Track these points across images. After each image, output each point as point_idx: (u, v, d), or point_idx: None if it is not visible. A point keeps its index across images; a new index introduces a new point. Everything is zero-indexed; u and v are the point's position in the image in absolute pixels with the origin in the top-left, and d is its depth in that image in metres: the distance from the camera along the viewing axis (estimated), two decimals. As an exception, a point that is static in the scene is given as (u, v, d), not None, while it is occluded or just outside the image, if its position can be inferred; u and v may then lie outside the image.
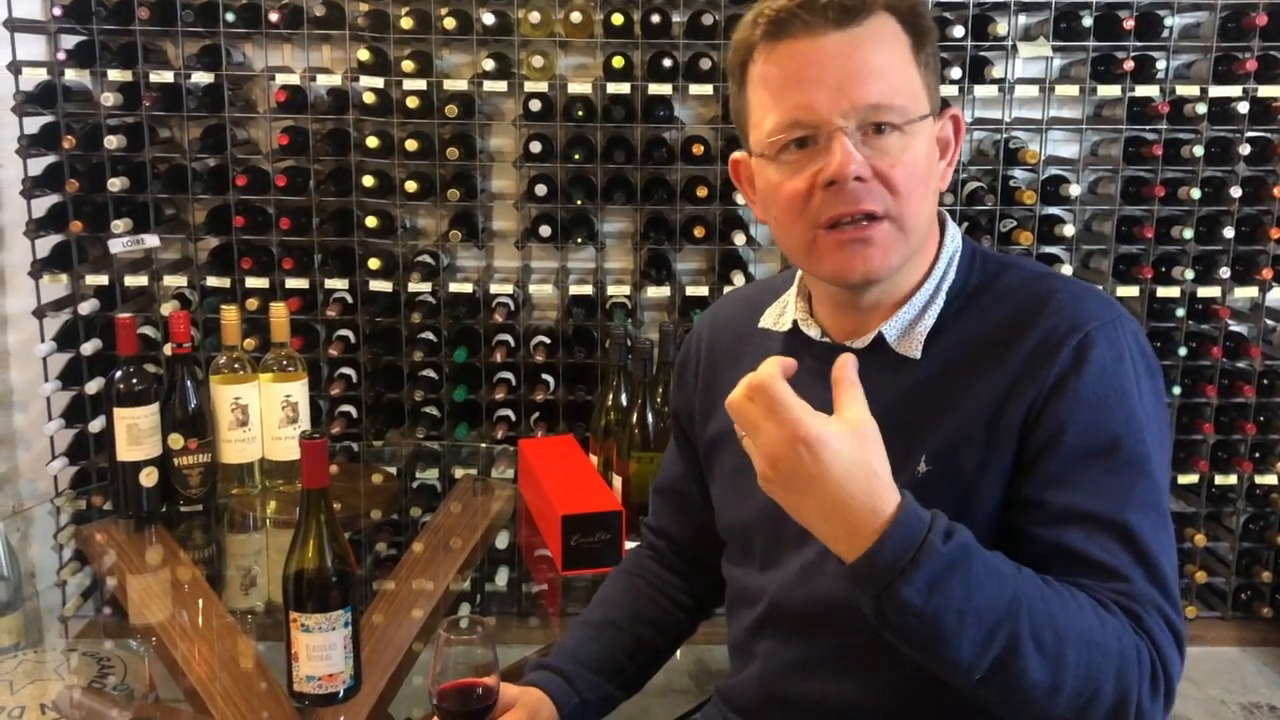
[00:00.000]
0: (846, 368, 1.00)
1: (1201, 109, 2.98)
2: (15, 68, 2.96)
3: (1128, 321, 1.11)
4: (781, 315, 1.28)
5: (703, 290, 3.09)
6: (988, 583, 0.96)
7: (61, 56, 2.96)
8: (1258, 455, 3.21)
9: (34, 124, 3.00)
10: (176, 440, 1.97)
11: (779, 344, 1.27)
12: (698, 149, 2.99)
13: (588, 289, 3.13)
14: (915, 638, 0.96)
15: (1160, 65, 3.05)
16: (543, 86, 3.00)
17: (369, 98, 2.98)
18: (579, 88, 3.02)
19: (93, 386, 3.02)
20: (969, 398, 1.11)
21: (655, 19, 2.95)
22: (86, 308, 3.04)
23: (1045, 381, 1.07)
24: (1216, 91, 3.00)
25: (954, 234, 1.21)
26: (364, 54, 2.96)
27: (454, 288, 3.11)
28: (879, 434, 0.97)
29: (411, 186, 2.99)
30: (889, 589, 0.94)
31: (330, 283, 3.09)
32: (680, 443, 1.45)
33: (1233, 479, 3.20)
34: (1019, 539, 1.08)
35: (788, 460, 0.95)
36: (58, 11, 2.95)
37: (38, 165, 3.03)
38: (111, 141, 2.92)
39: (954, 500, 1.08)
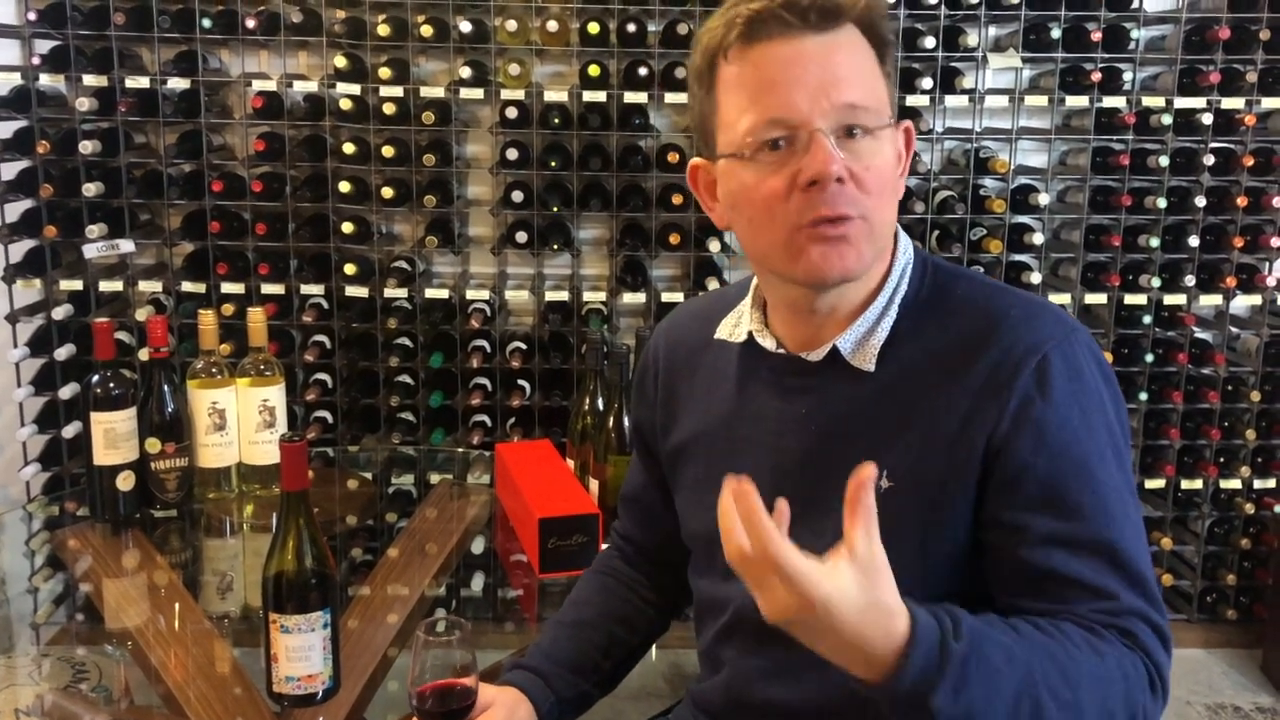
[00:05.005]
0: (864, 489, 0.90)
1: (1167, 120, 3.03)
2: (-11, 72, 2.95)
3: (1080, 334, 1.13)
4: (737, 326, 1.29)
5: (678, 296, 3.11)
6: (1002, 664, 0.96)
7: (36, 61, 2.94)
8: (1222, 460, 3.26)
9: (8, 129, 2.99)
10: (154, 444, 1.97)
11: (734, 355, 1.28)
12: (673, 156, 3.01)
13: (564, 295, 3.15)
14: None
15: (1127, 77, 3.11)
16: (519, 94, 3.02)
17: (345, 104, 2.99)
18: (555, 95, 3.04)
19: (66, 392, 3.00)
20: (926, 414, 1.12)
21: (631, 28, 2.98)
22: (60, 313, 3.03)
23: (1008, 407, 1.09)
24: (1181, 103, 3.05)
25: (905, 245, 1.23)
26: (341, 60, 2.97)
27: (430, 293, 3.11)
28: (887, 563, 0.92)
29: (388, 192, 2.99)
30: (921, 704, 0.93)
31: (306, 288, 3.09)
32: (642, 454, 1.46)
33: (1198, 483, 3.25)
34: (1004, 561, 1.10)
35: (801, 620, 0.91)
36: (32, 16, 2.95)
37: (11, 170, 3.01)
38: (86, 146, 2.90)
39: (919, 517, 1.10)
